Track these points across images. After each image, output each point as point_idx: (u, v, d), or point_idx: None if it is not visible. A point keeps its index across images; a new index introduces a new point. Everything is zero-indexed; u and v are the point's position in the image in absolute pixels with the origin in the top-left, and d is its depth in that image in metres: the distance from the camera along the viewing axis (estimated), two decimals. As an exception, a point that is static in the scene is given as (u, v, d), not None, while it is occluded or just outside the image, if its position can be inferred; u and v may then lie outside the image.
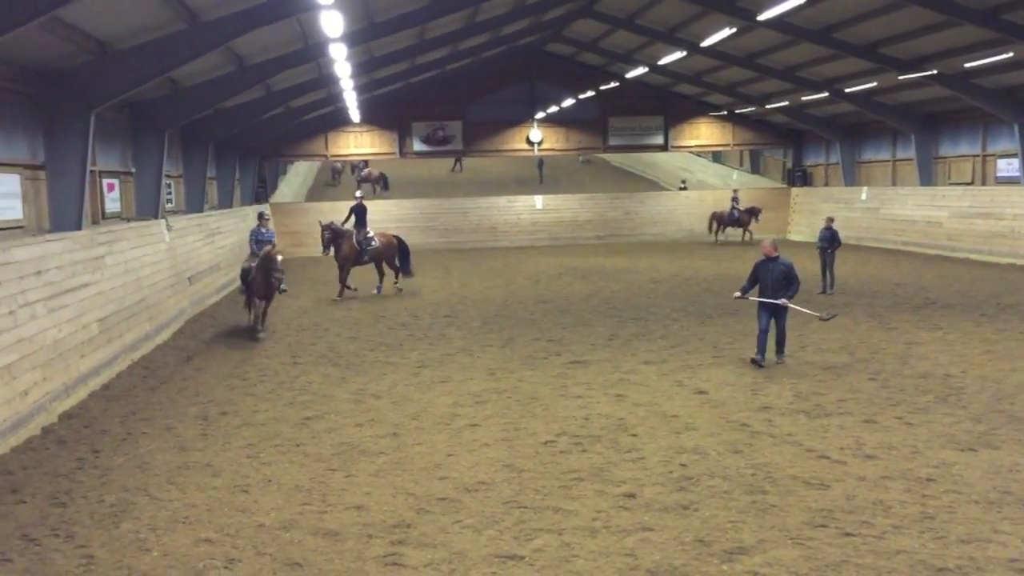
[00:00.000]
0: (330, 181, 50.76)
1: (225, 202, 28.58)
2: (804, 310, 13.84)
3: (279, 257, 16.03)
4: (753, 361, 12.85)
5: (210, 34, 14.98)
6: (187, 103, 19.62)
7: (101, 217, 17.31)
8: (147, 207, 19.36)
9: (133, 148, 19.21)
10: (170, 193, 22.50)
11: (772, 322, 12.82)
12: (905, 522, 7.08)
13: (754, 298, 13.01)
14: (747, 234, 35.77)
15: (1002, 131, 27.93)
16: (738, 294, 13.35)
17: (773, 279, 12.69)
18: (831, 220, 20.81)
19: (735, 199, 35.91)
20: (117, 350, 13.73)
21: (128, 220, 18.31)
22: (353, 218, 22.26)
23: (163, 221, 18.93)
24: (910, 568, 6.28)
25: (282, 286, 16.41)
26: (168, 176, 21.34)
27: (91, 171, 15.42)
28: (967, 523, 7.04)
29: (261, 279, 16.03)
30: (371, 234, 21.90)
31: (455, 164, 53.12)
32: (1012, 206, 26.14)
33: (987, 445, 8.98)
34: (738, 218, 35.36)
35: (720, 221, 35.74)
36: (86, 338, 12.58)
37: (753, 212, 35.38)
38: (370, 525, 7.28)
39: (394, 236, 22.42)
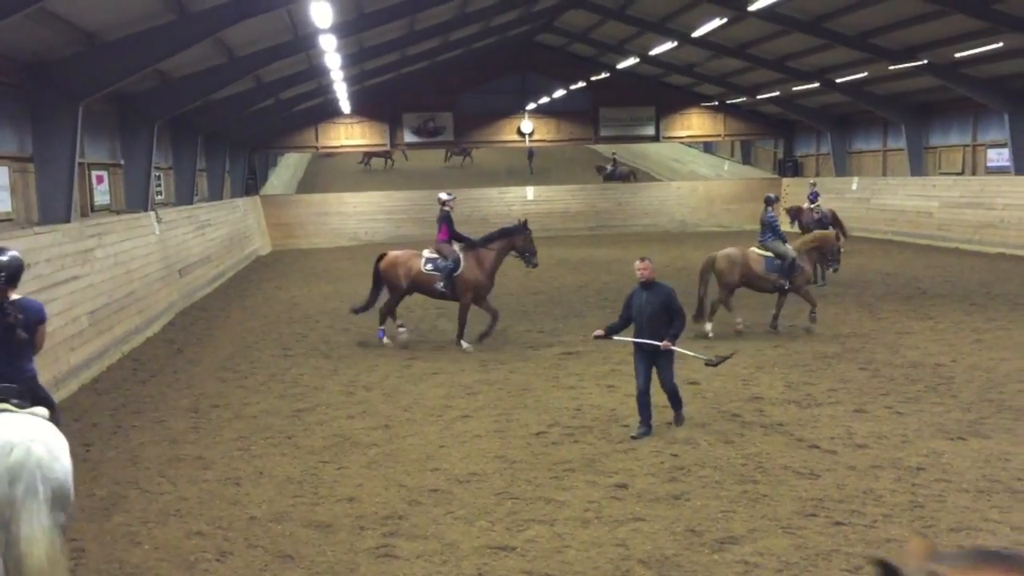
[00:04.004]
0: (362, 166, 50.93)
1: (215, 194, 28.51)
2: (689, 353, 10.38)
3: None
4: (633, 438, 9.10)
5: (199, 25, 14.94)
6: (176, 95, 19.54)
7: (90, 210, 17.23)
8: (136, 199, 19.28)
9: (122, 140, 19.12)
10: (159, 185, 22.42)
11: (653, 374, 9.41)
12: (895, 511, 7.10)
13: (622, 339, 9.82)
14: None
15: (992, 121, 27.99)
16: (599, 333, 9.76)
17: (649, 313, 9.28)
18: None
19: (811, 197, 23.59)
20: (107, 343, 13.69)
21: (118, 212, 18.24)
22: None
23: (153, 213, 18.85)
24: (900, 557, 6.29)
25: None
26: (157, 168, 21.25)
27: (80, 163, 15.35)
28: (957, 512, 7.07)
29: (814, 264, 16.01)
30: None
31: (461, 155, 52.23)
32: (1002, 196, 26.22)
33: (977, 434, 9.01)
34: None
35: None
36: (76, 331, 12.54)
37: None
38: (362, 517, 7.27)
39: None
